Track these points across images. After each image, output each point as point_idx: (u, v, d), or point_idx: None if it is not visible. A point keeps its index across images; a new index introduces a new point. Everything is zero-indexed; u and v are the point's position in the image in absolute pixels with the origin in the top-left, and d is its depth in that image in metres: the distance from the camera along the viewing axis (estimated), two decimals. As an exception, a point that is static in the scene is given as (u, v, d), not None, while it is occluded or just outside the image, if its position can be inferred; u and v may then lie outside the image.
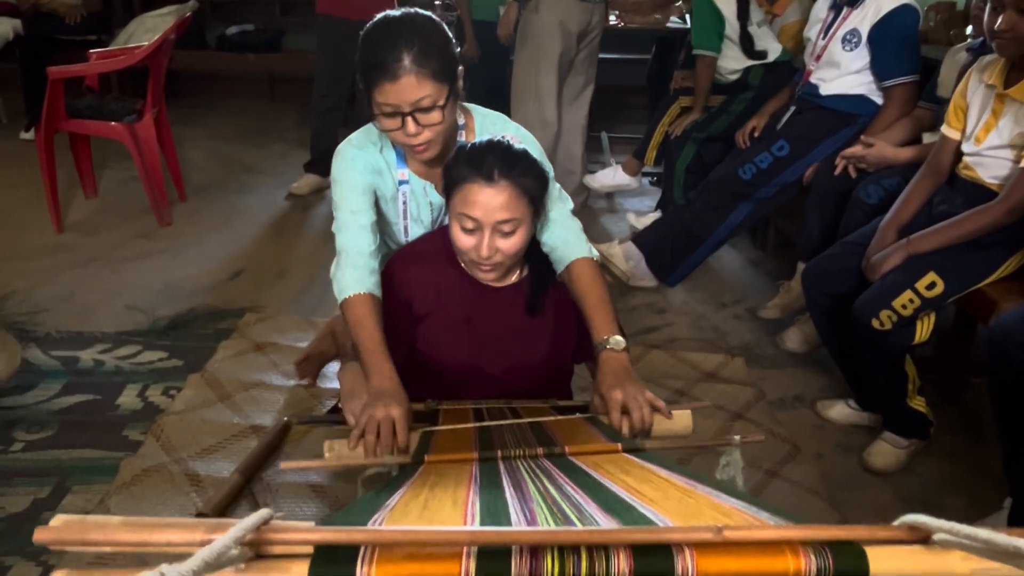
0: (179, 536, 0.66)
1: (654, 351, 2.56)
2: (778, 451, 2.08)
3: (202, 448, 2.01)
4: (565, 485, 0.95)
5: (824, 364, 2.50)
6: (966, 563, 0.66)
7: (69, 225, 3.48)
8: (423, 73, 1.41)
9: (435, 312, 1.55)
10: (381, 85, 1.42)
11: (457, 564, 0.66)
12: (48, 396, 2.24)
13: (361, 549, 0.67)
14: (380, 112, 1.46)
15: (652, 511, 0.81)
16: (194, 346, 2.52)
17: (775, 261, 3.34)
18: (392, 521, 0.78)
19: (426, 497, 0.89)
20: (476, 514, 0.83)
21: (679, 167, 3.32)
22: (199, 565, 0.55)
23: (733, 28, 3.21)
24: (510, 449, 1.15)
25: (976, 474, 2.05)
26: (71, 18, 4.50)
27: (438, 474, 1.03)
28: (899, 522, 0.70)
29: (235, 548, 0.62)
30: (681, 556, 0.67)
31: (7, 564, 1.63)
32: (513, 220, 1.41)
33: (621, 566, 0.67)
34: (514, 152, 1.43)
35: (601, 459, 1.07)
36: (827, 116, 2.76)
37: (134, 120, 3.44)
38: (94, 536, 0.66)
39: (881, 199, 2.33)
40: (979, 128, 1.98)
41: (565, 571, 0.67)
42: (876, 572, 0.67)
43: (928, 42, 2.92)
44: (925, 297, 1.89)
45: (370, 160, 1.61)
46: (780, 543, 0.68)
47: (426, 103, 1.43)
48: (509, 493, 0.92)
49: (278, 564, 0.67)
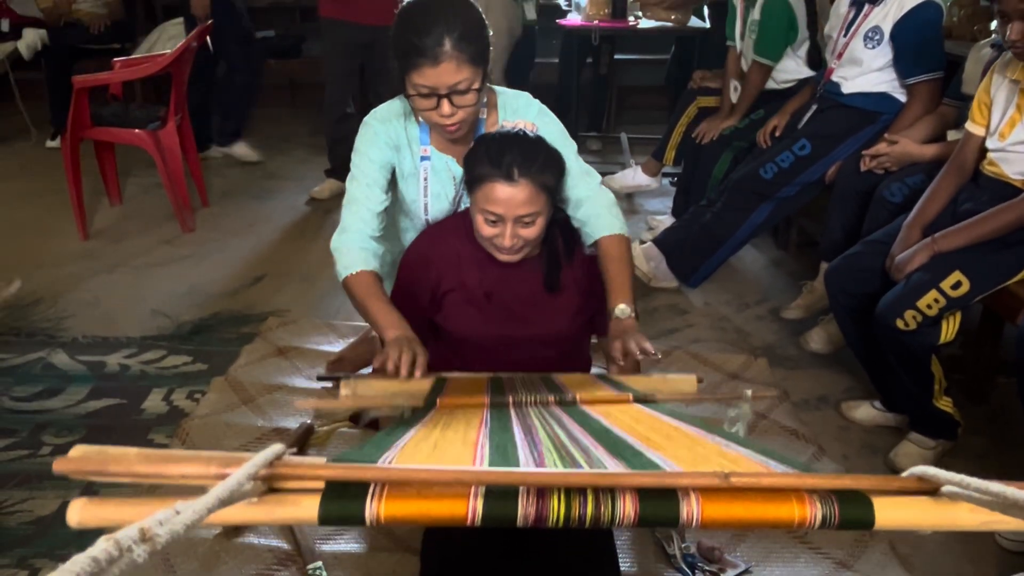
0: (194, 469, 0.67)
1: (676, 352, 2.55)
2: (803, 452, 2.06)
3: (227, 451, 2.02)
4: (574, 429, 0.95)
5: (848, 365, 2.48)
6: (974, 515, 0.66)
7: (94, 232, 3.52)
8: (462, 58, 1.43)
9: (456, 288, 1.59)
10: (421, 68, 1.44)
11: (464, 503, 0.67)
12: (75, 401, 2.27)
13: (371, 486, 0.68)
14: (416, 92, 1.49)
15: (660, 456, 0.81)
16: (218, 350, 2.54)
17: (798, 261, 3.31)
18: (402, 460, 0.79)
19: (436, 438, 0.90)
20: (485, 456, 0.84)
21: (716, 175, 3.22)
22: (214, 502, 0.55)
23: (802, 38, 3.10)
24: (521, 395, 1.15)
25: (1005, 475, 2.00)
26: (95, 27, 4.56)
27: (449, 417, 1.04)
28: (907, 473, 0.70)
29: (248, 483, 0.63)
30: (687, 500, 0.67)
31: (36, 566, 1.65)
32: (533, 213, 1.46)
33: (627, 509, 0.67)
34: (532, 148, 1.45)
35: (611, 408, 1.07)
36: (849, 114, 2.73)
37: (157, 127, 3.48)
38: (112, 467, 0.67)
39: (905, 197, 2.30)
40: (1004, 124, 1.95)
41: (571, 513, 0.67)
42: (882, 522, 0.67)
43: (952, 38, 2.89)
44: (950, 297, 1.87)
45: (392, 135, 1.65)
46: (787, 491, 0.68)
47: (463, 86, 1.46)
48: (519, 436, 0.92)
49: (290, 498, 0.68)
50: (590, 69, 4.94)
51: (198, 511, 0.53)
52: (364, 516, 0.66)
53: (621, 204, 3.95)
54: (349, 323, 2.65)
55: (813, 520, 0.66)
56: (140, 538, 0.46)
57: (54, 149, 4.41)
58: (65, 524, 0.65)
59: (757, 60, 3.12)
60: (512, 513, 0.67)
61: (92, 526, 0.63)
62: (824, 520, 0.66)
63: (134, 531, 0.46)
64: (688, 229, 3.02)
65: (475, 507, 0.67)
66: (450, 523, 0.67)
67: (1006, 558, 1.73)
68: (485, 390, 1.25)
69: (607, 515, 0.67)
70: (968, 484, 0.64)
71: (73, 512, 0.63)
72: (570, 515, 0.67)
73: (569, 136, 1.66)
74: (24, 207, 3.81)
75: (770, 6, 3.04)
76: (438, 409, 1.11)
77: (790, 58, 3.15)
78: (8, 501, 1.85)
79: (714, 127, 3.26)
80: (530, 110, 1.66)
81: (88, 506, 0.64)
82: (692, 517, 0.66)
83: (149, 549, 0.46)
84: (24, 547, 1.71)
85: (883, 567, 1.70)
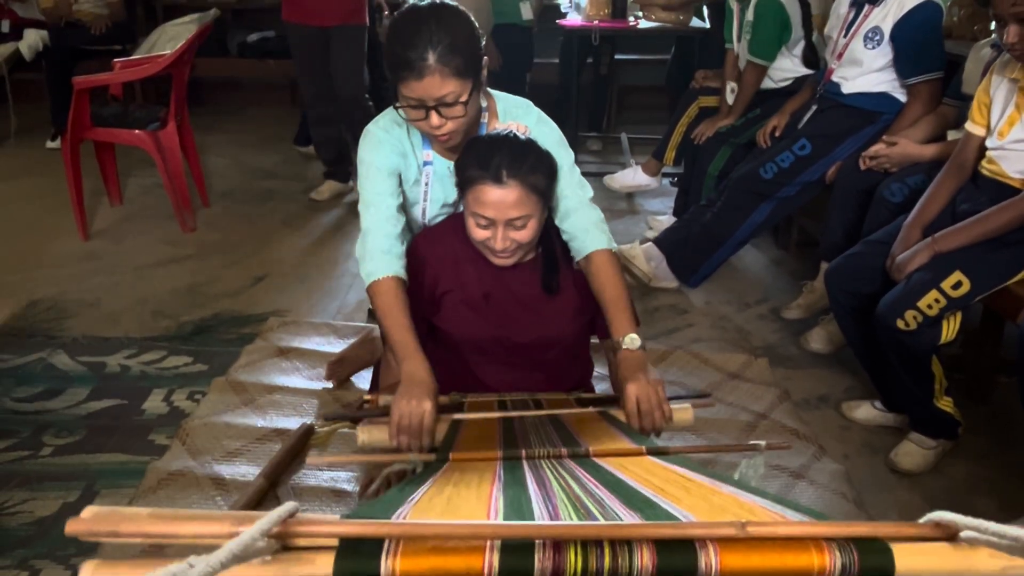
0: (207, 528, 0.67)
1: (677, 352, 2.54)
2: (803, 453, 2.06)
3: (227, 452, 2.02)
4: (588, 482, 0.95)
5: (849, 364, 2.48)
6: (994, 560, 0.65)
7: (95, 232, 3.52)
8: (447, 72, 1.43)
9: (455, 289, 1.59)
10: (407, 81, 1.45)
11: (480, 558, 0.66)
12: (76, 401, 2.27)
13: (385, 542, 0.67)
14: (405, 104, 1.50)
15: (675, 507, 0.81)
16: (218, 351, 2.54)
17: (798, 261, 3.31)
18: (416, 515, 0.78)
19: (450, 493, 0.90)
20: (500, 509, 0.84)
21: (711, 172, 3.24)
22: (227, 557, 0.55)
23: (796, 37, 3.11)
24: (534, 448, 1.15)
25: (1006, 475, 2.02)
26: (96, 28, 4.56)
27: (462, 470, 1.03)
28: (925, 519, 0.69)
29: (262, 540, 0.63)
30: (704, 551, 0.66)
31: (37, 567, 1.65)
32: (524, 216, 1.45)
33: (644, 561, 0.67)
34: (521, 149, 1.45)
35: (625, 460, 1.07)
36: (849, 114, 2.73)
37: (158, 128, 3.48)
38: (124, 528, 0.67)
39: (906, 197, 2.30)
40: (1003, 122, 1.96)
41: (588, 566, 0.67)
42: (902, 569, 0.66)
43: (952, 38, 2.89)
44: (951, 297, 1.86)
45: (396, 143, 1.64)
46: (805, 540, 0.68)
47: (450, 99, 1.46)
48: (532, 489, 0.92)
49: (304, 556, 0.67)
50: (590, 69, 4.95)
51: (211, 565, 0.54)
52: (380, 573, 0.66)
53: (621, 204, 3.99)
54: (350, 324, 2.65)
55: (833, 569, 0.66)
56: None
57: (54, 150, 4.41)
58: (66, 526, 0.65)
59: (752, 60, 3.14)
60: (529, 567, 0.67)
61: None
62: (844, 568, 0.66)
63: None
64: (688, 229, 3.03)
65: (491, 561, 0.66)
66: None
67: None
68: (497, 442, 1.24)
69: (624, 567, 0.66)
70: (987, 529, 0.64)
71: (86, 575, 0.63)
72: (587, 568, 0.67)
73: (567, 145, 1.65)
74: (24, 208, 3.81)
75: (762, 6, 3.06)
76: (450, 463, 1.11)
77: (786, 57, 3.16)
78: (9, 502, 1.85)
79: (710, 128, 3.28)
80: (529, 116, 1.66)
81: (101, 568, 0.64)
82: (710, 568, 0.66)
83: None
84: (25, 548, 1.71)
85: None
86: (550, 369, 1.62)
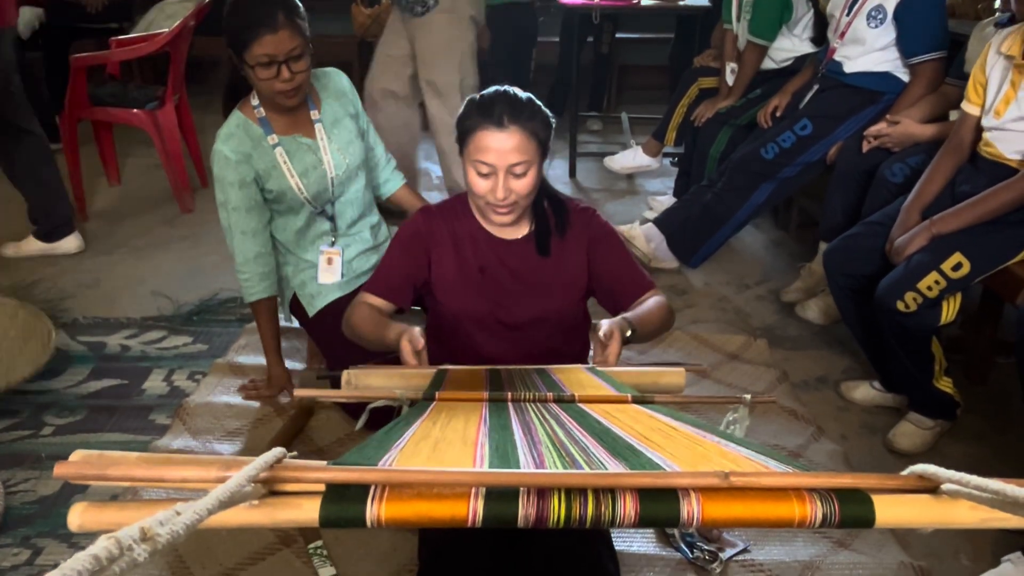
0: (194, 473, 0.67)
1: (676, 332, 2.55)
2: (801, 433, 2.07)
3: (227, 431, 2.03)
4: (573, 429, 0.95)
5: (848, 345, 2.48)
6: (974, 513, 0.66)
7: (93, 213, 3.52)
8: (295, 27, 1.75)
9: (451, 261, 1.61)
10: (261, 37, 1.71)
11: (465, 504, 0.67)
12: (76, 381, 2.27)
13: (372, 488, 0.68)
14: (257, 63, 1.74)
15: (660, 456, 0.82)
16: (218, 331, 2.55)
17: (798, 242, 3.31)
18: (403, 461, 0.79)
19: (436, 438, 0.91)
20: (485, 456, 0.84)
21: (712, 154, 3.21)
22: (213, 504, 0.56)
23: (797, 16, 3.07)
24: (519, 391, 1.16)
25: (1003, 455, 2.03)
26: (93, 7, 4.52)
27: (448, 413, 1.04)
28: (908, 471, 0.70)
29: (249, 485, 0.63)
30: (687, 500, 0.67)
31: (39, 546, 1.67)
32: (524, 162, 1.47)
33: (627, 509, 0.68)
34: (520, 99, 1.49)
35: (610, 407, 1.08)
36: (851, 94, 2.71)
37: (156, 107, 3.46)
38: (112, 471, 0.68)
39: (907, 177, 2.29)
40: (998, 101, 1.94)
41: (571, 513, 0.68)
42: (883, 520, 0.67)
43: (955, 17, 2.87)
44: (951, 278, 1.86)
45: (239, 148, 1.88)
46: (787, 490, 0.68)
47: (297, 52, 1.76)
48: (518, 435, 0.93)
49: (291, 501, 0.68)
50: (591, 48, 4.91)
51: (199, 512, 0.54)
52: (365, 518, 0.67)
53: (621, 184, 3.97)
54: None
55: (813, 519, 0.67)
56: (141, 537, 0.47)
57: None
58: (67, 504, 0.65)
59: (752, 40, 3.11)
60: (513, 514, 0.67)
61: (93, 530, 0.63)
62: (824, 519, 0.67)
63: (135, 530, 0.47)
64: (689, 209, 3.02)
65: (476, 508, 0.67)
66: (451, 524, 0.67)
67: (1003, 536, 1.74)
68: (484, 384, 1.25)
69: (607, 515, 0.67)
70: (968, 482, 0.64)
71: (74, 516, 0.64)
72: (571, 516, 0.67)
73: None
74: (23, 188, 3.80)
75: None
76: (436, 404, 1.11)
77: (786, 37, 3.13)
78: (11, 481, 1.86)
79: (710, 109, 3.26)
80: (341, 80, 2.04)
81: (89, 510, 0.64)
82: (692, 516, 0.67)
83: (149, 548, 0.48)
84: (27, 526, 1.72)
85: (880, 546, 1.71)
86: (548, 345, 1.62)
